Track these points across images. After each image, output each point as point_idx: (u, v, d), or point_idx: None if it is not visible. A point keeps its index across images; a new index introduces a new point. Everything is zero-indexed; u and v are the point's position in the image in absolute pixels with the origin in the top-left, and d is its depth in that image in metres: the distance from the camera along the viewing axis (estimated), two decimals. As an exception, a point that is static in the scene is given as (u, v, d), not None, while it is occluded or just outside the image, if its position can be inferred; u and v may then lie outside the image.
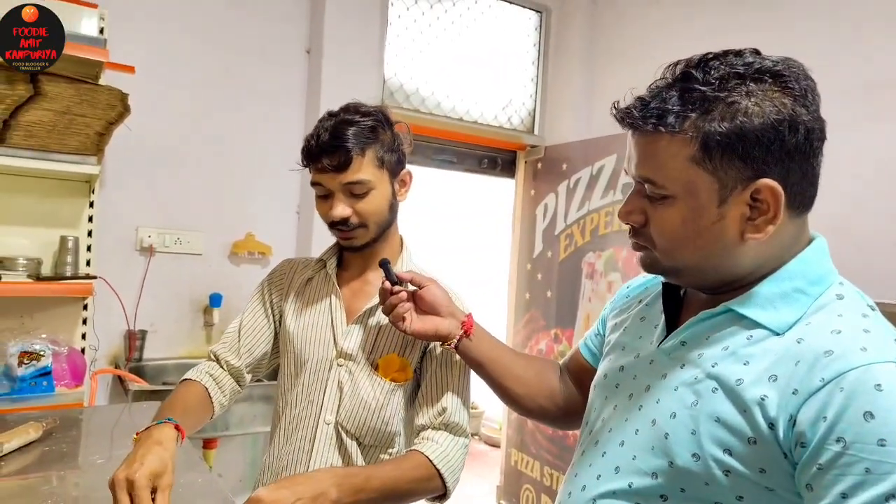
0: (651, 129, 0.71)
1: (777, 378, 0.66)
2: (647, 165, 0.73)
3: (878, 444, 0.58)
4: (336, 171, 1.06)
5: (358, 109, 1.12)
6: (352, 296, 1.18)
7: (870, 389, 0.59)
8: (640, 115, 0.71)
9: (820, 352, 0.64)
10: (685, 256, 0.74)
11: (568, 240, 2.99)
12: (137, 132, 2.15)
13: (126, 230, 2.35)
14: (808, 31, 2.17)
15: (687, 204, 0.71)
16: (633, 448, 0.77)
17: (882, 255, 1.91)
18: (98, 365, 2.25)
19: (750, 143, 0.67)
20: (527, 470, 3.11)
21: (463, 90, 3.05)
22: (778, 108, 0.67)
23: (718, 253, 0.72)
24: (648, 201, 0.75)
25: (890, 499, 0.57)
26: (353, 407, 1.11)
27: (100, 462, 1.16)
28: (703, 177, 0.70)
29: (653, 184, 0.73)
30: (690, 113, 0.69)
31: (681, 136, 0.69)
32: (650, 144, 0.72)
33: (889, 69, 1.96)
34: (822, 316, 0.69)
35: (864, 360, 0.61)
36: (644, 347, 0.84)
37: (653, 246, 0.77)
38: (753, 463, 0.66)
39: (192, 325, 2.49)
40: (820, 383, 0.62)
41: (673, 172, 0.71)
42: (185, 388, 1.14)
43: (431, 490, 1.06)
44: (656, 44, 2.75)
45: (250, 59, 2.55)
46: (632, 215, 0.77)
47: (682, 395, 0.73)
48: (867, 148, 1.99)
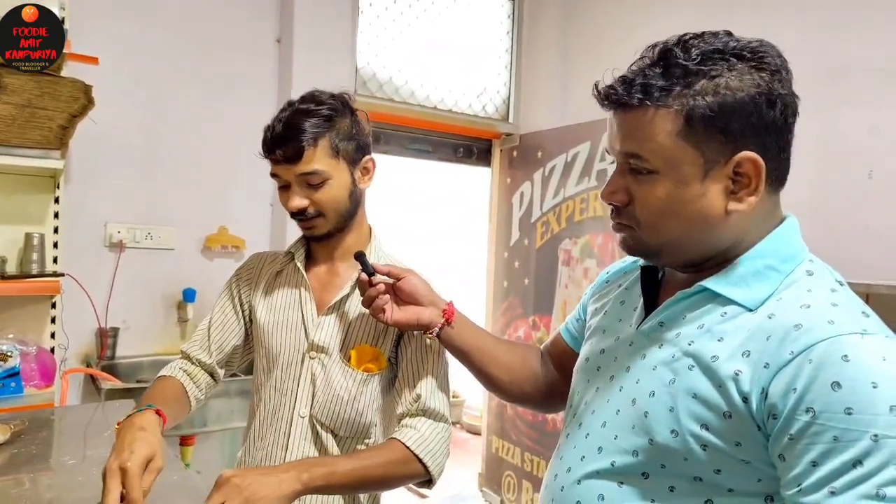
0: (637, 102, 0.71)
1: (750, 353, 0.68)
2: (631, 140, 0.73)
3: (844, 412, 0.60)
4: (288, 163, 1.06)
5: (315, 98, 1.10)
6: (321, 287, 1.17)
7: (837, 360, 0.61)
8: (624, 90, 0.72)
9: (790, 326, 0.66)
10: (669, 232, 0.75)
11: (544, 227, 3.00)
12: (103, 125, 2.09)
13: (94, 226, 2.30)
14: (778, 18, 2.19)
15: (671, 178, 0.72)
16: (614, 428, 0.78)
17: (850, 238, 1.95)
18: (69, 364, 2.20)
19: (732, 116, 0.69)
20: (508, 457, 3.13)
21: (437, 79, 3.03)
22: (757, 83, 0.69)
23: (701, 227, 0.73)
24: (632, 178, 0.75)
25: (857, 465, 0.59)
26: (327, 399, 1.10)
27: (72, 463, 1.13)
28: (687, 151, 0.71)
29: (638, 158, 0.73)
30: (675, 87, 0.70)
31: (665, 110, 0.70)
32: (634, 119, 0.72)
33: (852, 55, 2.00)
34: (792, 291, 0.71)
35: (831, 332, 0.63)
36: (624, 330, 0.86)
37: (637, 224, 0.77)
38: (729, 437, 0.68)
39: (166, 321, 2.45)
40: (789, 356, 0.64)
41: (658, 147, 0.71)
42: (162, 383, 1.15)
43: (411, 475, 1.04)
44: (630, 31, 2.76)
45: (219, 48, 2.50)
46: (615, 195, 0.77)
47: (661, 373, 0.75)
48: (832, 133, 2.02)
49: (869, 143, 1.94)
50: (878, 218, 1.90)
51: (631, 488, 0.75)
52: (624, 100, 0.72)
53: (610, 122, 0.77)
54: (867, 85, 1.96)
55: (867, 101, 1.95)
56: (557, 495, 0.82)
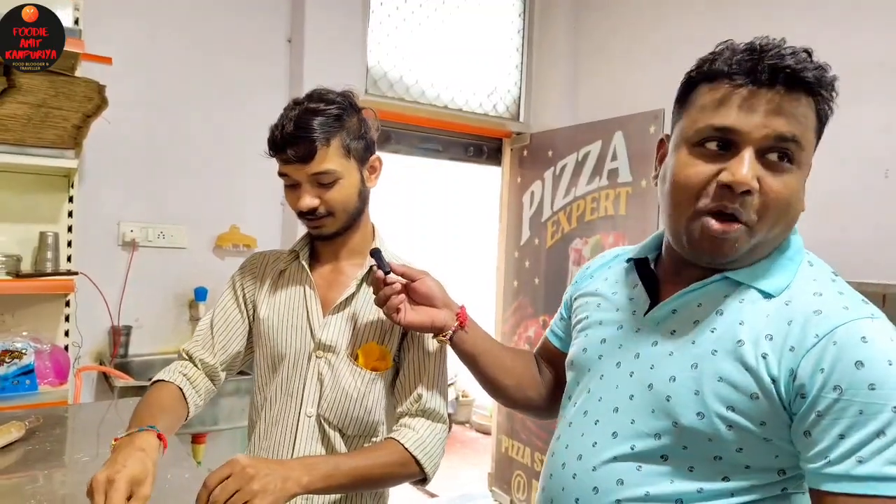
0: (813, 84, 0.71)
1: (773, 337, 0.71)
2: (797, 124, 0.71)
3: (868, 388, 0.65)
4: (301, 163, 1.04)
5: (322, 97, 1.09)
6: (326, 286, 1.16)
7: (857, 342, 0.66)
8: (802, 70, 0.71)
9: (809, 312, 0.71)
10: (780, 226, 0.75)
11: (555, 226, 2.99)
12: (116, 125, 2.11)
13: (107, 225, 2.32)
14: (789, 15, 2.17)
15: (804, 171, 0.75)
16: (629, 413, 0.79)
17: (864, 238, 1.93)
18: (82, 362, 2.22)
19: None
20: (517, 456, 3.12)
21: (447, 78, 3.03)
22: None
23: (795, 222, 0.77)
24: (765, 166, 0.72)
25: (880, 434, 0.64)
26: (335, 398, 1.10)
27: (85, 460, 1.14)
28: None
29: (797, 144, 0.72)
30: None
31: (820, 102, 0.73)
32: (798, 104, 0.71)
33: (866, 53, 1.97)
34: (799, 280, 0.76)
35: (848, 317, 0.69)
36: (626, 319, 0.87)
37: (762, 216, 0.72)
38: (755, 417, 0.71)
39: (178, 320, 2.46)
40: (815, 339, 0.68)
41: (809, 137, 0.73)
42: (159, 390, 1.10)
43: (409, 475, 1.06)
44: (640, 30, 2.75)
45: (231, 48, 2.52)
46: (754, 181, 0.71)
47: (679, 358, 0.77)
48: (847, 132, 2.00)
49: (884, 143, 1.91)
50: (893, 218, 1.88)
51: (650, 470, 0.76)
52: (803, 79, 0.70)
53: (747, 97, 0.71)
54: (882, 83, 1.93)
55: (882, 100, 1.93)
56: (570, 483, 0.82)
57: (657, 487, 0.75)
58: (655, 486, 0.75)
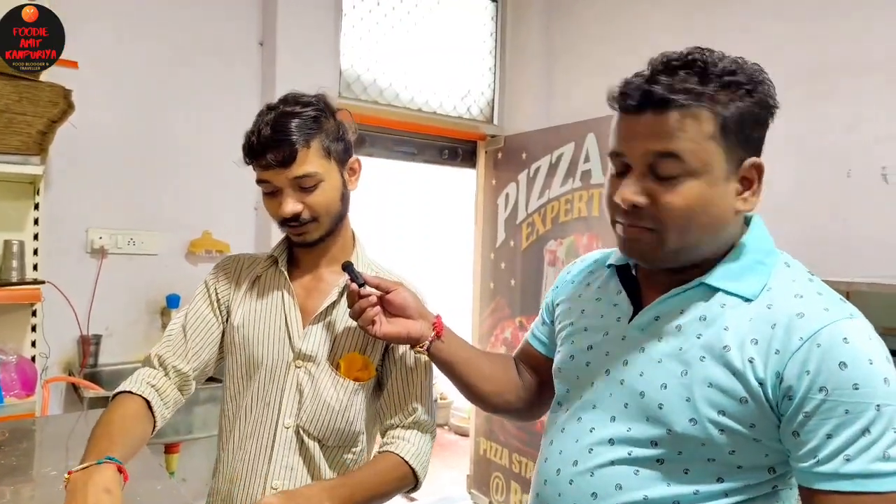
0: (683, 101, 0.73)
1: (758, 341, 0.74)
2: (669, 140, 0.74)
3: (853, 388, 0.68)
4: (282, 167, 1.02)
5: (297, 100, 1.07)
6: (306, 294, 1.13)
7: (839, 343, 0.69)
8: (667, 90, 0.74)
9: (792, 314, 0.73)
10: (695, 232, 0.77)
11: (529, 228, 3.01)
12: (84, 130, 2.07)
13: (75, 232, 2.27)
14: (757, 17, 2.22)
15: (705, 179, 0.75)
16: (625, 421, 0.81)
17: (829, 236, 1.98)
18: (50, 373, 2.17)
19: (751, 125, 0.76)
20: (496, 458, 3.13)
21: (421, 81, 3.03)
22: (768, 95, 0.77)
23: (717, 226, 0.78)
24: (655, 180, 0.76)
25: (865, 433, 0.67)
26: (316, 409, 1.08)
27: (53, 474, 1.12)
28: (718, 153, 0.75)
29: (675, 158, 0.74)
30: (715, 93, 0.74)
31: (706, 113, 0.74)
32: (672, 120, 0.74)
33: (830, 54, 2.02)
34: (778, 282, 0.78)
35: (830, 318, 0.71)
36: (611, 326, 0.88)
37: (662, 226, 0.77)
38: (745, 420, 0.74)
39: (150, 328, 2.42)
40: (799, 342, 0.71)
41: (697, 148, 0.74)
42: (123, 405, 1.02)
43: (406, 486, 1.09)
44: (613, 33, 2.78)
45: (202, 52, 2.48)
46: (638, 196, 0.77)
47: (669, 366, 0.79)
48: (811, 132, 2.05)
49: (847, 142, 1.97)
50: (856, 216, 1.93)
51: (647, 474, 0.78)
52: (668, 98, 0.73)
53: (627, 124, 0.78)
54: (845, 83, 1.98)
55: (845, 100, 1.98)
56: (566, 489, 0.83)
57: (655, 491, 0.77)
58: (653, 490, 0.77)
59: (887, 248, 1.84)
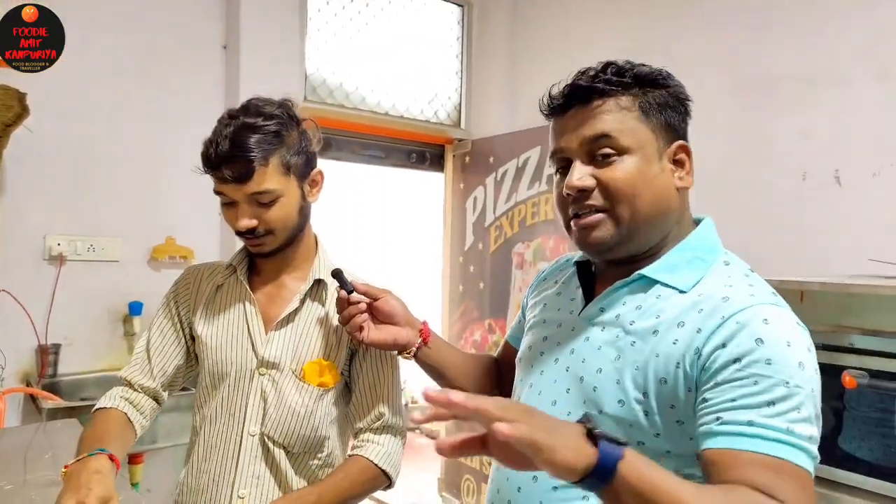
0: (605, 87, 0.82)
1: (684, 324, 0.78)
2: (602, 123, 0.82)
3: (765, 362, 0.70)
4: (238, 183, 1.00)
5: (260, 111, 1.04)
6: (267, 301, 1.13)
7: (759, 322, 0.73)
8: (589, 81, 0.83)
9: (718, 298, 0.77)
10: (642, 208, 0.82)
11: (498, 231, 3.03)
12: (41, 134, 2.01)
13: (32, 239, 2.21)
14: (714, 29, 2.28)
15: (640, 156, 0.82)
16: (566, 405, 0.85)
17: (784, 238, 2.04)
18: (6, 384, 2.10)
19: (671, 110, 0.85)
20: (466, 461, 3.14)
21: (387, 84, 3.03)
22: (680, 88, 0.87)
23: (662, 204, 0.84)
24: (596, 164, 0.83)
25: (771, 405, 0.69)
26: (281, 416, 1.07)
27: (9, 488, 1.08)
28: (645, 132, 0.83)
29: (609, 138, 0.82)
30: (628, 80, 0.84)
31: (628, 98, 0.83)
32: (597, 107, 0.83)
33: (782, 65, 2.10)
34: (714, 276, 0.83)
35: (753, 301, 0.75)
36: (564, 318, 0.93)
37: (611, 202, 0.82)
38: (666, 400, 0.77)
39: (112, 336, 2.36)
40: (721, 320, 0.75)
41: (628, 128, 0.82)
42: (103, 416, 1.07)
43: (378, 487, 1.11)
44: (577, 37, 2.82)
45: (164, 54, 2.44)
46: (584, 180, 0.83)
47: (606, 352, 0.83)
48: (766, 138, 2.12)
49: (801, 147, 2.04)
50: (810, 218, 2.00)
51: None
52: (590, 88, 0.83)
53: (559, 123, 0.86)
54: (797, 91, 2.06)
55: (798, 108, 2.05)
56: (512, 473, 0.86)
57: None
58: None
59: (840, 250, 1.91)
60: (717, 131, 2.19)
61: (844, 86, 1.95)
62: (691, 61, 2.29)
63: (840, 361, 1.36)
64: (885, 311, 1.29)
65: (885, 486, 1.28)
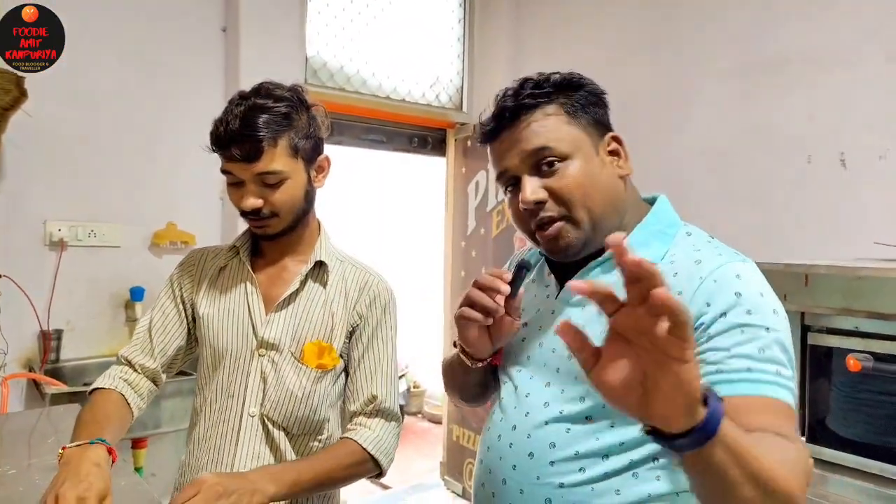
0: (530, 102, 0.87)
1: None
2: (537, 137, 0.87)
3: (746, 312, 0.76)
4: (246, 162, 1.01)
5: (271, 93, 1.05)
6: (269, 283, 1.14)
7: (733, 278, 0.79)
8: (514, 98, 0.88)
9: (690, 262, 0.83)
10: (596, 205, 0.86)
11: (500, 216, 3.02)
12: (40, 118, 2.00)
13: (32, 224, 2.20)
14: (718, 10, 2.25)
15: (580, 157, 0.87)
16: (559, 383, 0.87)
17: (789, 221, 2.03)
18: (9, 369, 2.11)
19: (594, 106, 0.90)
20: (469, 444, 3.16)
21: (389, 68, 3.00)
22: (593, 84, 0.92)
23: (612, 195, 0.88)
24: (543, 175, 0.87)
25: (761, 350, 0.74)
26: (280, 397, 1.08)
27: (12, 473, 1.08)
28: (578, 133, 0.88)
29: (549, 149, 0.86)
30: (549, 89, 0.88)
31: (553, 107, 0.88)
32: (528, 123, 0.87)
33: (789, 45, 2.07)
34: (680, 246, 0.88)
35: (722, 261, 0.81)
36: (542, 303, 0.96)
37: (567, 207, 0.86)
38: None
39: (114, 321, 2.37)
40: (699, 281, 0.80)
41: (561, 135, 0.87)
42: (101, 398, 1.07)
43: (367, 472, 1.10)
44: (583, 19, 2.79)
45: (163, 37, 2.41)
46: (536, 192, 0.86)
47: (589, 329, 0.81)
48: (772, 121, 2.09)
49: (807, 131, 2.01)
50: (816, 201, 1.98)
51: (578, 430, 0.84)
52: (516, 107, 0.88)
53: (497, 147, 0.91)
54: (804, 73, 2.03)
55: (804, 90, 2.03)
56: (507, 452, 0.88)
57: (585, 445, 0.83)
58: (583, 445, 0.83)
59: (845, 233, 1.89)
60: (723, 113, 2.17)
61: (852, 67, 1.92)
62: (697, 43, 2.26)
63: (845, 345, 1.35)
64: (890, 295, 1.28)
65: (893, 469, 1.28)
